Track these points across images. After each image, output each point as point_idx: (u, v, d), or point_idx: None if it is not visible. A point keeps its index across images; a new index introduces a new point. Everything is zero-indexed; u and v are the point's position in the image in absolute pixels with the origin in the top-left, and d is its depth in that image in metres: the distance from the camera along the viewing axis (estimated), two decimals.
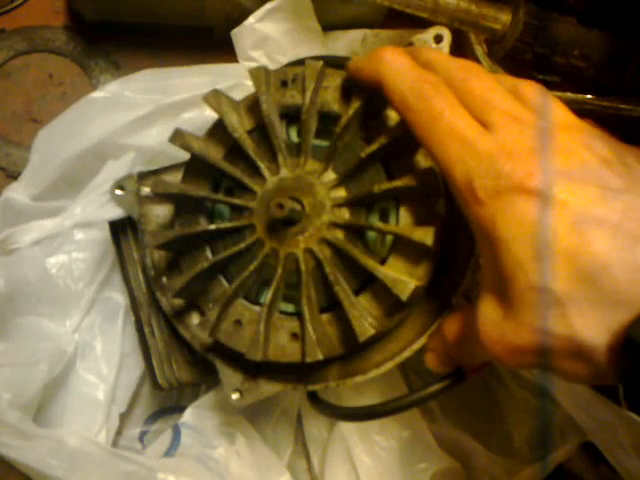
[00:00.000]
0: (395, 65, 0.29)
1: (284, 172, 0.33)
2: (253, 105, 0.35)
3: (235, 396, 0.34)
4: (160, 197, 0.37)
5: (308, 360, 0.31)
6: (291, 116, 0.34)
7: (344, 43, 0.48)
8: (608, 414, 0.36)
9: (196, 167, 0.35)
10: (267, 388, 0.34)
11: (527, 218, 0.24)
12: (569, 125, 0.27)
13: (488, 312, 0.26)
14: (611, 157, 0.25)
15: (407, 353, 0.33)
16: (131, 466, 0.33)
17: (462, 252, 0.32)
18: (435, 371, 0.31)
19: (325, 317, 0.32)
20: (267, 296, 0.32)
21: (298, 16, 0.47)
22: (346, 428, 0.41)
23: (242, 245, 0.33)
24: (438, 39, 0.34)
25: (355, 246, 0.32)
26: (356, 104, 0.32)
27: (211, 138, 0.36)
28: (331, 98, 0.33)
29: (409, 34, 0.42)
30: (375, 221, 0.33)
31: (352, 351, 0.32)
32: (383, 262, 0.32)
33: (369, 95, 0.32)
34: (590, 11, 0.45)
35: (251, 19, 0.47)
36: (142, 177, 0.38)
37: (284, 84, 0.34)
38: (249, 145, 0.34)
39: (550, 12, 0.44)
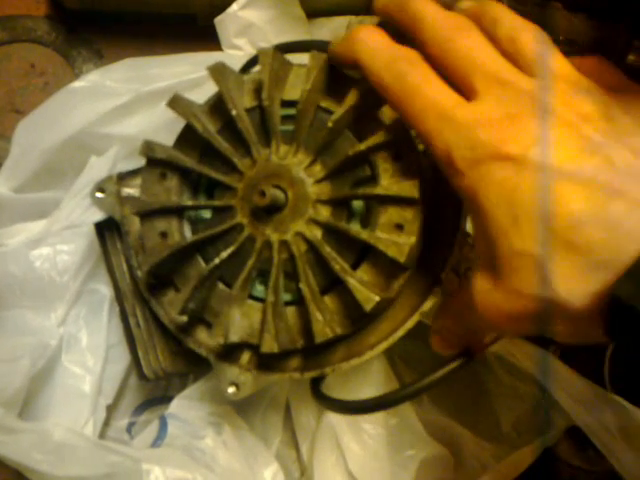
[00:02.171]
0: (370, 44, 0.28)
1: (259, 163, 0.33)
2: (216, 104, 0.35)
3: (231, 390, 0.34)
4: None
5: (318, 340, 0.31)
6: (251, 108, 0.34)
7: (328, 30, 0.48)
8: (594, 398, 0.36)
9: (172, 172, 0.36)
10: (263, 379, 0.34)
11: (504, 184, 0.24)
12: (560, 78, 0.26)
13: (481, 283, 0.25)
14: (592, 112, 0.24)
15: (400, 332, 0.33)
16: (116, 457, 0.33)
17: (447, 227, 0.32)
18: (443, 354, 0.31)
19: (325, 299, 0.32)
20: (270, 285, 0.32)
21: (282, 3, 0.46)
22: (335, 416, 0.41)
23: (234, 246, 0.33)
24: None
25: (343, 220, 0.32)
26: (351, 100, 0.31)
27: (183, 143, 0.35)
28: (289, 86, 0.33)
29: None
30: (358, 188, 0.32)
31: (358, 327, 0.32)
32: (373, 229, 0.31)
33: (364, 91, 0.31)
34: None
35: (234, 6, 0.46)
36: (122, 178, 0.38)
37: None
38: (221, 144, 0.34)
39: None
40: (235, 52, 0.46)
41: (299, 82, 0.34)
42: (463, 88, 0.26)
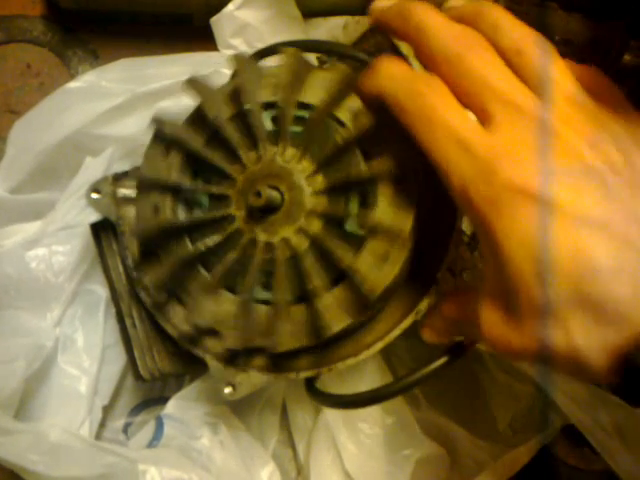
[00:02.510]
0: (389, 72, 0.27)
1: (263, 160, 0.33)
2: (233, 92, 0.34)
3: (228, 390, 0.34)
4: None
5: (280, 350, 0.32)
6: (266, 104, 0.34)
7: (325, 30, 0.48)
8: (590, 397, 0.36)
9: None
10: (259, 379, 0.34)
11: (527, 227, 0.23)
12: (571, 109, 0.25)
13: (490, 315, 0.25)
14: (614, 155, 0.23)
15: (396, 332, 0.33)
16: (112, 458, 0.33)
17: (443, 227, 0.32)
18: (433, 343, 0.31)
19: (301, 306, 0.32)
20: (245, 282, 0.32)
21: (278, 3, 0.46)
22: (331, 416, 0.41)
23: (221, 235, 0.33)
24: None
25: (332, 237, 0.32)
26: (364, 122, 0.31)
27: (191, 125, 0.35)
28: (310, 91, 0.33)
29: None
30: (354, 208, 0.33)
31: (325, 340, 0.32)
32: (362, 242, 0.31)
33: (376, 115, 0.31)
34: None
35: (230, 6, 0.46)
36: (117, 178, 0.38)
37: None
38: (230, 133, 0.34)
39: None
40: (231, 52, 0.46)
41: (317, 87, 0.33)
42: (478, 112, 0.25)
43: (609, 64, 0.46)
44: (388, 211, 0.31)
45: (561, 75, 0.25)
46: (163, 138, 0.35)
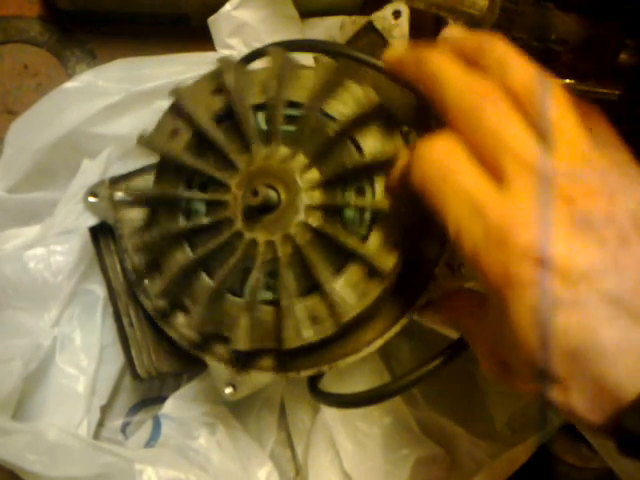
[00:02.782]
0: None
1: (257, 160, 0.33)
2: (220, 96, 0.34)
3: (228, 390, 0.34)
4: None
5: (287, 346, 0.32)
6: (257, 105, 0.34)
7: (322, 30, 0.48)
8: None
9: (167, 167, 0.35)
10: (260, 379, 0.34)
11: (536, 297, 0.22)
12: (580, 163, 0.24)
13: (489, 359, 0.26)
14: (624, 219, 0.23)
15: (396, 328, 0.33)
16: (109, 457, 0.33)
17: None
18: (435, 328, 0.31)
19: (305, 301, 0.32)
20: (248, 284, 0.32)
21: (275, 3, 0.46)
22: (329, 416, 0.41)
23: (221, 239, 0.33)
24: (396, 15, 0.35)
25: (334, 226, 0.32)
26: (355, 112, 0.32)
27: (177, 134, 0.35)
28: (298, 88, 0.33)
29: None
30: (352, 198, 0.33)
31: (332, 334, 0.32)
32: (364, 240, 0.32)
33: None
34: None
35: (228, 6, 0.46)
36: (114, 182, 0.38)
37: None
38: (218, 138, 0.34)
39: None
40: (229, 52, 0.46)
41: (306, 85, 0.33)
42: (491, 169, 0.24)
43: (605, 63, 0.46)
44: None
45: (579, 131, 0.24)
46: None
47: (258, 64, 0.38)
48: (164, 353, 0.37)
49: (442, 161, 0.25)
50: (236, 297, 0.33)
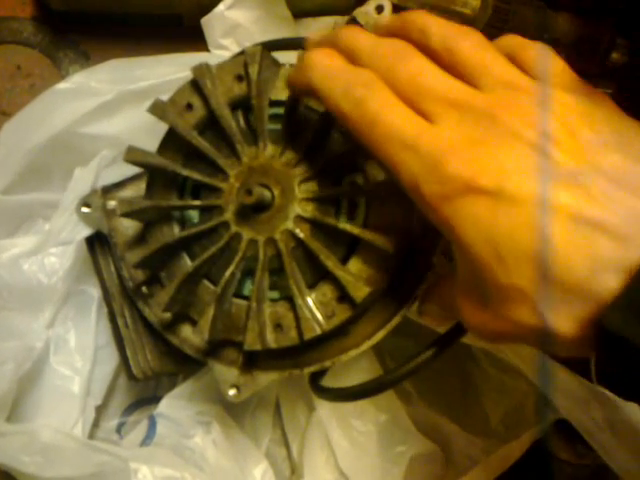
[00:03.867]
0: (324, 69, 0.27)
1: (245, 162, 0.33)
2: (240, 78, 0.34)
3: (232, 392, 0.34)
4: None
5: (307, 337, 0.31)
6: (239, 104, 0.34)
7: (315, 30, 0.48)
8: (581, 391, 0.37)
9: (157, 176, 0.35)
10: (263, 378, 0.34)
11: (483, 220, 0.23)
12: (509, 93, 0.25)
13: (467, 305, 0.26)
14: (557, 130, 0.23)
15: (396, 320, 0.33)
16: (104, 457, 0.33)
17: None
18: (435, 328, 0.31)
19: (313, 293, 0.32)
20: (254, 284, 0.32)
21: (268, 3, 0.46)
22: (325, 414, 0.41)
23: (219, 245, 0.33)
24: (379, 9, 0.35)
25: (319, 241, 0.32)
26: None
27: (167, 145, 0.35)
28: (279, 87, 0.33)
29: None
30: (341, 221, 0.33)
31: (347, 321, 0.32)
32: (345, 261, 0.32)
33: None
34: None
35: (221, 6, 0.47)
36: (106, 191, 0.38)
37: (239, 78, 0.34)
38: (205, 147, 0.34)
39: None
40: (222, 52, 0.46)
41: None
42: (419, 112, 0.25)
43: (597, 62, 0.47)
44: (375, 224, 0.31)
45: (495, 60, 0.26)
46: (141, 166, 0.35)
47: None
48: (159, 353, 0.37)
49: (370, 103, 0.26)
50: (241, 299, 0.33)
